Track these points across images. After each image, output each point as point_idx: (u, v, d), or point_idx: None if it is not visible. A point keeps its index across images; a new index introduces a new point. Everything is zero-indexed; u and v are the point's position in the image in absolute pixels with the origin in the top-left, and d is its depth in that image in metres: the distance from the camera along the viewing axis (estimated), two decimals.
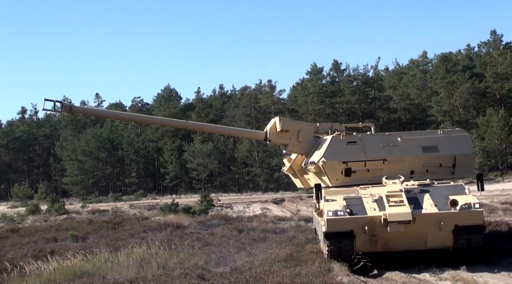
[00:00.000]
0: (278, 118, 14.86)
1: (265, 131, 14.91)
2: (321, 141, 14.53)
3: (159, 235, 19.81)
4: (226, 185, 75.48)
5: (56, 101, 13.05)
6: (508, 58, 71.29)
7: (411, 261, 12.38)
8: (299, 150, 15.03)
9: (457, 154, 13.86)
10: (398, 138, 13.93)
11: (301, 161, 15.44)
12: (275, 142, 15.10)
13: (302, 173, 15.68)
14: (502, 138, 61.07)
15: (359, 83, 77.01)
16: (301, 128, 15.01)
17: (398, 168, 13.36)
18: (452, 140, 14.17)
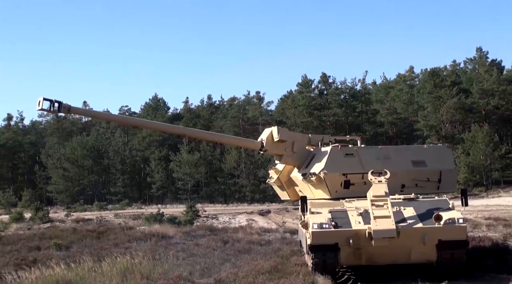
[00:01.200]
0: (276, 128, 14.59)
1: (261, 140, 14.59)
2: (316, 152, 14.54)
3: (143, 245, 19.67)
4: (212, 195, 75.29)
5: (55, 101, 12.20)
6: (494, 75, 72.21)
7: (395, 275, 12.42)
8: (294, 161, 14.77)
9: (443, 169, 14.21)
10: (391, 151, 14.21)
11: (288, 172, 15.36)
12: (270, 152, 14.76)
13: (289, 185, 15.63)
14: (487, 154, 61.63)
15: (346, 96, 77.46)
16: (296, 139, 14.86)
17: (392, 181, 13.50)
18: (437, 155, 14.61)
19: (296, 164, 14.73)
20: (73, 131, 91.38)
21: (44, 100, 12.13)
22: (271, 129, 14.63)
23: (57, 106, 12.29)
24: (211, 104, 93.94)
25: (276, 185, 16.21)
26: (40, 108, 11.93)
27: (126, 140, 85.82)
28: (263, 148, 14.38)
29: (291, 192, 15.72)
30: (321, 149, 14.60)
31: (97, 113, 13.84)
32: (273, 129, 14.61)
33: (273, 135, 14.42)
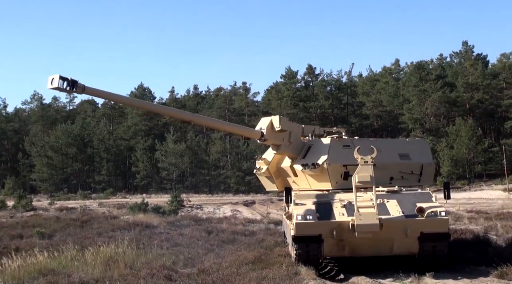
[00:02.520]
0: (278, 117, 14.23)
1: (260, 129, 14.00)
2: (313, 143, 14.50)
3: (127, 234, 19.62)
4: (197, 186, 75.25)
5: (71, 80, 11.14)
6: (479, 69, 72.74)
7: (377, 267, 12.53)
8: (291, 151, 14.49)
9: (424, 163, 14.53)
10: (381, 144, 14.34)
11: (277, 163, 15.23)
12: (269, 142, 14.25)
13: (277, 176, 15.49)
14: (470, 148, 62.18)
15: (332, 89, 77.62)
16: (293, 129, 14.62)
17: (382, 173, 13.67)
18: (418, 148, 14.99)
19: (292, 155, 14.53)
20: (57, 119, 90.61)
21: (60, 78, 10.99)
22: (270, 118, 14.19)
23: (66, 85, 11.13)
24: (197, 94, 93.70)
25: (264, 176, 15.85)
26: (52, 87, 10.91)
27: (112, 129, 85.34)
28: (263, 137, 13.87)
29: (279, 183, 15.57)
30: (318, 140, 14.61)
31: (113, 95, 12.62)
32: (273, 118, 14.20)
33: (273, 124, 14.02)
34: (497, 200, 39.54)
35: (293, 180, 14.72)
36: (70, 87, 11.02)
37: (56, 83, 10.76)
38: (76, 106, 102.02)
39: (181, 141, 74.73)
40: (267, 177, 15.87)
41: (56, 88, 10.90)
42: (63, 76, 10.85)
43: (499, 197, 42.24)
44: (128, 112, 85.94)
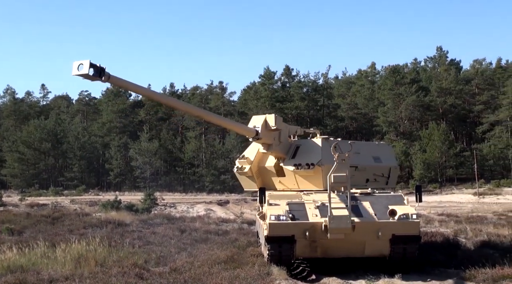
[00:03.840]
0: (274, 116, 13.99)
1: (255, 128, 13.56)
2: (301, 143, 14.50)
3: (99, 231, 19.42)
4: (171, 184, 74.85)
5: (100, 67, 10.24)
6: (452, 74, 73.86)
7: (348, 268, 12.62)
8: (280, 151, 14.33)
9: (391, 166, 15.12)
10: (359, 146, 14.68)
11: (259, 162, 15.13)
12: (263, 141, 13.79)
13: (258, 175, 15.38)
14: (442, 152, 63.08)
15: (309, 90, 77.98)
16: (283, 128, 14.45)
17: (361, 175, 13.88)
18: (386, 152, 15.54)
19: (281, 154, 14.42)
20: (30, 114, 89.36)
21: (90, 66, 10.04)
22: (264, 117, 13.91)
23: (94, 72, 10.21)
24: (173, 92, 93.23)
25: (246, 175, 15.50)
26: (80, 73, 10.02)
27: (86, 125, 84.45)
28: (258, 135, 13.46)
29: (260, 182, 15.41)
30: (307, 141, 14.66)
31: (136, 87, 11.92)
32: (268, 116, 13.96)
33: (268, 123, 13.77)
34: (467, 203, 40.22)
35: (279, 180, 14.60)
36: (98, 75, 10.20)
37: (86, 70, 9.89)
38: (49, 101, 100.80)
39: (155, 139, 74.29)
40: (248, 177, 15.59)
41: (82, 75, 10.05)
42: (92, 63, 10.05)
43: (469, 201, 42.96)
44: (103, 108, 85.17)
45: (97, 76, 10.11)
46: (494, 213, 29.67)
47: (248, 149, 15.60)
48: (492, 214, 28.65)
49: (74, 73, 9.90)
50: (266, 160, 14.88)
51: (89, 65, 9.84)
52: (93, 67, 9.96)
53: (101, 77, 10.23)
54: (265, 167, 14.91)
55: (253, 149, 15.26)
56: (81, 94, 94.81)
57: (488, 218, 26.11)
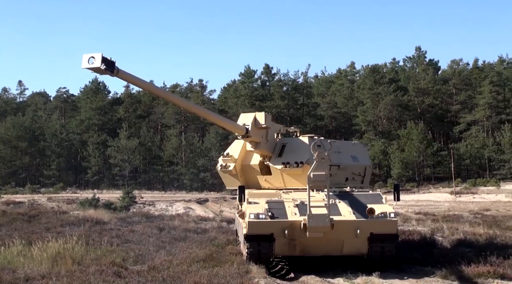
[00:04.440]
0: (264, 113, 13.99)
1: (244, 125, 13.35)
2: (287, 142, 14.50)
3: (77, 230, 19.24)
4: (150, 182, 74.52)
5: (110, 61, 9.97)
6: (430, 74, 74.64)
7: (327, 266, 12.69)
8: (267, 149, 14.23)
9: (366, 165, 15.42)
10: (340, 145, 14.86)
11: (242, 160, 15.07)
12: (252, 139, 13.61)
13: (242, 173, 15.30)
14: (420, 151, 63.70)
15: (288, 89, 78.13)
16: (270, 126, 14.33)
17: (342, 174, 13.99)
18: (361, 151, 15.82)
19: (268, 153, 14.33)
20: (6, 110, 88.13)
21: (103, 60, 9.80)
22: (253, 114, 13.82)
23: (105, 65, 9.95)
24: None
25: (230, 174, 15.32)
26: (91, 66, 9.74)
27: (64, 122, 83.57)
28: (248, 133, 13.29)
29: (243, 181, 15.31)
30: (293, 139, 14.69)
31: (143, 83, 11.65)
32: (257, 114, 13.90)
33: (257, 120, 13.69)
34: (444, 202, 40.72)
35: (264, 178, 14.54)
36: (108, 69, 9.96)
37: (98, 64, 9.68)
38: (27, 98, 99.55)
39: (134, 137, 73.82)
40: (232, 175, 15.41)
41: (93, 68, 9.83)
42: (104, 57, 9.81)
43: (446, 200, 43.49)
44: (81, 106, 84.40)
45: (108, 70, 9.94)
46: (470, 211, 30.11)
47: (231, 147, 15.52)
48: (468, 213, 29.07)
49: (84, 66, 9.74)
50: (251, 158, 14.83)
51: (101, 59, 9.69)
52: (105, 61, 9.80)
53: (112, 71, 10.07)
54: (250, 165, 14.85)
55: (237, 147, 15.21)
56: (59, 91, 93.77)
57: (464, 216, 26.48)
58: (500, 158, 64.70)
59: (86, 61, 9.72)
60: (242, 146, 15.00)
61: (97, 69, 9.75)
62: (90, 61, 9.70)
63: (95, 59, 9.66)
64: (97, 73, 9.91)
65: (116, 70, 10.21)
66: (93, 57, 9.66)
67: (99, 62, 9.64)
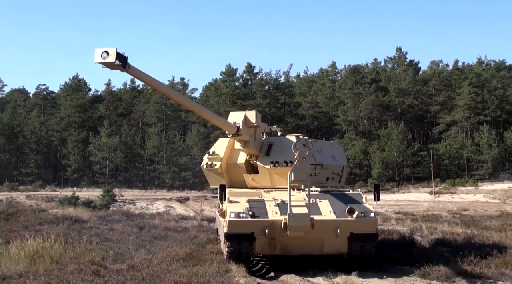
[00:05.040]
0: (255, 112, 13.89)
1: (235, 124, 13.21)
2: (274, 141, 14.48)
3: (55, 228, 19.05)
4: (131, 180, 74.08)
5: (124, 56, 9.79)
6: (411, 75, 75.29)
7: (307, 265, 12.73)
8: (255, 148, 14.16)
9: (344, 165, 15.52)
10: (321, 145, 14.93)
11: (227, 159, 15.01)
12: (242, 137, 13.48)
13: (227, 172, 15.24)
14: (400, 151, 64.24)
15: (270, 88, 78.23)
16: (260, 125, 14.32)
17: (324, 173, 14.07)
18: (339, 151, 15.94)
19: (255, 151, 14.28)
20: None
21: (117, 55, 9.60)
22: (244, 113, 13.71)
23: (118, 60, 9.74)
24: (134, 87, 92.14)
25: (216, 172, 15.21)
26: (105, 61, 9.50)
27: (43, 119, 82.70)
28: (239, 132, 13.18)
29: (228, 179, 15.24)
30: (280, 138, 14.69)
31: (152, 80, 11.41)
32: (248, 113, 13.80)
33: (248, 119, 13.59)
34: (423, 202, 41.07)
35: (251, 177, 14.50)
36: (122, 64, 9.79)
37: (113, 59, 9.49)
38: (5, 94, 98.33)
39: (115, 135, 73.31)
40: (217, 174, 15.31)
41: (106, 63, 9.59)
42: (118, 52, 9.61)
43: (425, 200, 43.88)
44: (62, 103, 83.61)
45: (121, 66, 9.77)
46: (448, 211, 30.40)
47: (216, 145, 15.44)
48: (447, 213, 29.35)
49: (97, 61, 9.54)
50: (237, 157, 14.77)
51: (116, 54, 9.51)
52: (118, 56, 9.62)
53: (125, 67, 9.90)
54: (236, 164, 14.80)
55: (222, 145, 15.15)
56: (39, 88, 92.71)
57: (443, 216, 26.73)
58: (479, 159, 65.53)
59: (99, 55, 9.54)
60: (227, 145, 14.98)
61: (110, 64, 9.60)
62: (103, 56, 9.53)
63: (109, 54, 9.51)
64: (108, 68, 9.64)
65: (128, 66, 10.07)
66: (106, 52, 9.50)
67: (114, 57, 9.50)
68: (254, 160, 14.40)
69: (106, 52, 9.50)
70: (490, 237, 16.98)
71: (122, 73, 10.19)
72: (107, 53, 9.49)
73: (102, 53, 9.52)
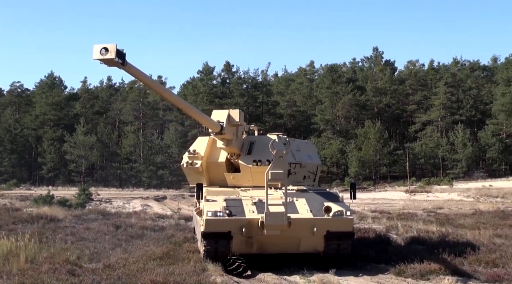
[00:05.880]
0: (238, 111, 13.78)
1: (219, 122, 13.02)
2: (255, 140, 14.47)
3: (30, 227, 18.80)
4: (107, 179, 73.41)
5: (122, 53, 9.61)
6: (387, 75, 75.99)
7: (284, 264, 12.77)
8: (237, 146, 14.11)
9: (318, 164, 15.60)
10: (299, 144, 15.02)
11: (207, 157, 14.93)
12: (224, 136, 13.34)
13: (207, 170, 15.15)
14: (377, 150, 64.77)
15: (248, 87, 78.25)
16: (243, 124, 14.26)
17: (301, 172, 14.19)
18: (313, 150, 15.96)
19: (237, 150, 14.20)
20: None
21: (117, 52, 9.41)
22: (227, 112, 13.53)
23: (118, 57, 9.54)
24: (110, 85, 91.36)
25: (196, 171, 15.00)
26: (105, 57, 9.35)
27: (18, 117, 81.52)
28: (223, 131, 13.01)
29: (207, 178, 15.13)
30: (261, 137, 14.66)
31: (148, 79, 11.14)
32: (231, 111, 13.62)
33: (232, 118, 13.45)
34: (399, 201, 41.46)
35: (232, 176, 14.43)
36: (121, 61, 9.60)
37: (112, 55, 9.30)
38: None
39: (91, 133, 72.61)
40: (198, 172, 15.12)
41: (105, 60, 9.40)
42: (119, 49, 9.44)
43: (401, 198, 44.29)
44: (37, 100, 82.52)
45: (120, 63, 9.60)
46: (424, 210, 30.74)
47: (196, 144, 15.27)
48: (422, 211, 29.67)
49: (95, 57, 9.36)
50: (218, 156, 14.67)
51: (115, 51, 9.33)
52: (118, 53, 9.44)
53: (123, 64, 9.73)
54: (217, 163, 14.69)
55: (201, 144, 15.04)
56: (13, 85, 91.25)
57: (418, 214, 27.01)
58: (453, 158, 66.43)
59: (97, 52, 9.37)
60: (207, 143, 14.90)
61: (109, 61, 9.43)
62: (102, 52, 9.36)
63: (109, 50, 9.34)
64: (106, 64, 9.46)
65: (125, 63, 9.92)
66: (106, 49, 9.33)
67: (114, 54, 9.32)
68: (236, 159, 14.37)
69: (105, 49, 9.35)
70: (464, 235, 17.21)
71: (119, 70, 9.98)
72: (106, 49, 9.34)
73: (101, 50, 9.37)
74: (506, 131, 68.14)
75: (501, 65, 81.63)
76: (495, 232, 17.70)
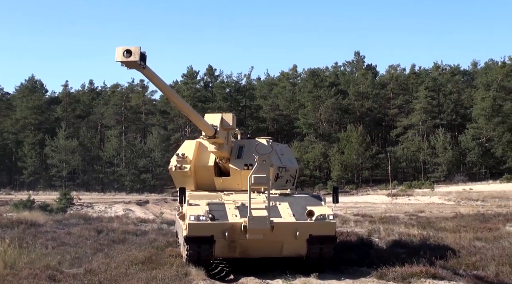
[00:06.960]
0: (232, 114, 13.77)
1: (213, 126, 12.95)
2: (244, 143, 14.43)
3: (9, 232, 18.59)
4: (89, 183, 72.86)
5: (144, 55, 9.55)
6: (369, 79, 76.55)
7: (266, 267, 12.77)
8: (227, 150, 14.06)
9: (297, 168, 15.74)
10: (281, 148, 15.14)
11: (195, 161, 14.87)
12: (217, 140, 13.25)
13: (195, 174, 15.06)
14: (359, 154, 65.12)
15: (231, 91, 78.26)
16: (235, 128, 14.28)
17: (285, 176, 14.27)
18: (291, 154, 16.13)
19: (227, 154, 14.13)
20: None
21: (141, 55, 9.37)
22: (220, 115, 13.52)
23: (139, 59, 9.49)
24: (92, 89, 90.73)
25: (185, 175, 14.83)
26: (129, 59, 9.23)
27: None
28: (216, 134, 12.98)
29: (195, 182, 15.04)
30: (251, 141, 14.65)
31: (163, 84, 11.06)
32: (225, 115, 13.61)
33: (225, 121, 13.41)
34: (381, 204, 41.70)
35: (221, 180, 14.41)
36: (143, 64, 9.52)
37: (137, 58, 9.23)
38: None
39: (73, 137, 72.03)
40: (186, 176, 14.96)
41: (128, 62, 9.31)
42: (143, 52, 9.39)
43: (383, 202, 44.57)
44: (17, 104, 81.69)
45: (142, 66, 9.54)
46: (405, 213, 30.93)
47: (184, 147, 15.15)
48: (404, 214, 29.85)
49: (118, 59, 9.29)
50: (207, 160, 14.59)
51: (139, 54, 9.26)
52: (141, 56, 9.38)
53: (144, 67, 9.65)
54: (205, 167, 14.61)
55: (189, 147, 14.95)
56: None
57: (400, 218, 27.16)
58: (434, 161, 67.04)
59: (120, 54, 9.29)
60: (195, 147, 14.83)
61: (132, 63, 9.38)
62: (125, 54, 9.27)
63: (133, 53, 9.28)
64: (128, 67, 9.40)
65: (146, 66, 9.86)
66: (128, 51, 9.27)
67: (138, 56, 9.27)
68: (225, 163, 14.35)
69: (128, 51, 9.27)
70: (445, 238, 17.36)
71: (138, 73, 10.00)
72: (128, 52, 9.27)
73: (124, 52, 9.29)
74: (486, 135, 68.98)
75: (481, 69, 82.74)
76: (476, 235, 17.88)
